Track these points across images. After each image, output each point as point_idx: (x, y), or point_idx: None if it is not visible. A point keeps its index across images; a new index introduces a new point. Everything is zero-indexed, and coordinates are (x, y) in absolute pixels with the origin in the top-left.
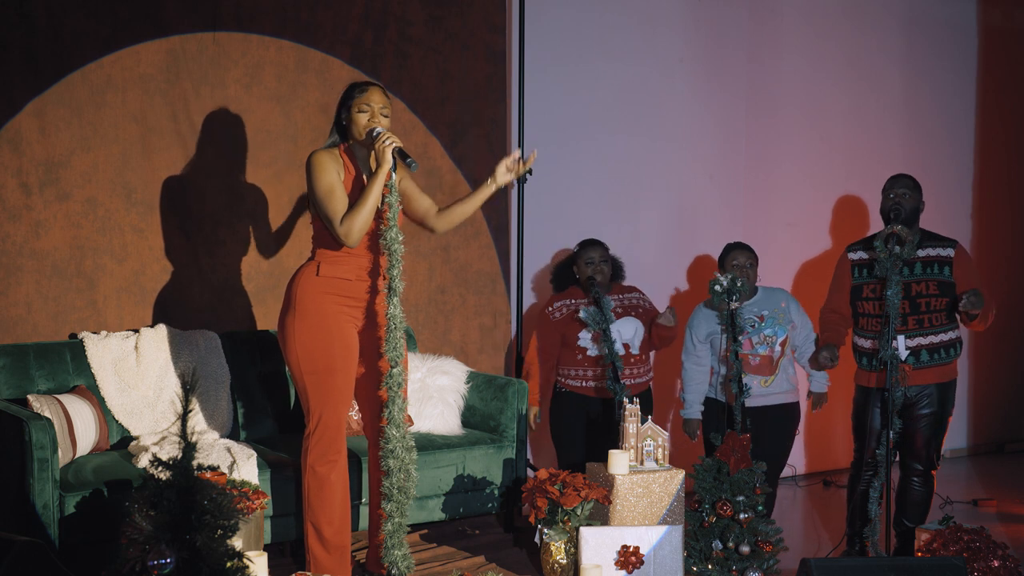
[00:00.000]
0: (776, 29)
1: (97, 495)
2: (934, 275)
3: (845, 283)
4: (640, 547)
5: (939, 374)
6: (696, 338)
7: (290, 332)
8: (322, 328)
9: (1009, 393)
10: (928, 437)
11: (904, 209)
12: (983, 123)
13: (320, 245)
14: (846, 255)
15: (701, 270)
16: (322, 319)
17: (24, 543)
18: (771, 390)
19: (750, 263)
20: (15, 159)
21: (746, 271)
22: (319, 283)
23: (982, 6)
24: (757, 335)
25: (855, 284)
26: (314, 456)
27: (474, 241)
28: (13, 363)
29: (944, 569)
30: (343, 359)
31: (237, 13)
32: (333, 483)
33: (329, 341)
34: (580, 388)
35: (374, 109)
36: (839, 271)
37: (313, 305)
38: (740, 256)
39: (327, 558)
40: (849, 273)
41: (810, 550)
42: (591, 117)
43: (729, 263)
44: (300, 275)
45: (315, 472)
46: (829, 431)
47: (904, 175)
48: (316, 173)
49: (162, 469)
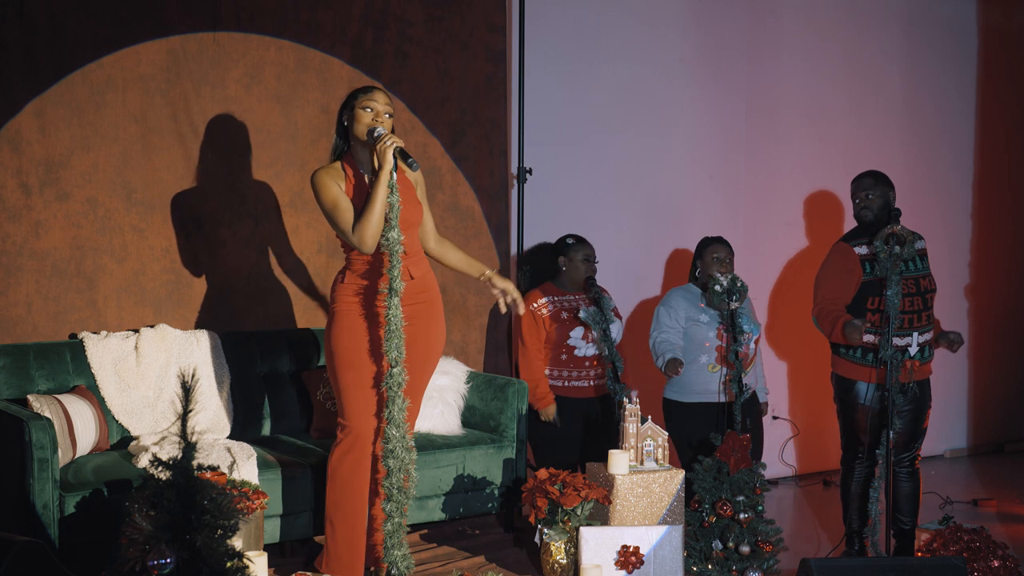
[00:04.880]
0: (776, 29)
1: (97, 495)
2: (927, 270)
3: (855, 276)
4: (640, 547)
5: (929, 369)
6: (673, 316)
7: (327, 336)
8: (352, 330)
9: (1009, 393)
10: (914, 430)
11: (872, 210)
12: (983, 123)
13: (349, 252)
14: (850, 248)
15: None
16: (353, 322)
17: (24, 543)
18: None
19: (729, 257)
20: (15, 159)
21: (725, 265)
22: (349, 289)
23: (982, 6)
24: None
25: (868, 280)
26: (337, 456)
27: (474, 241)
28: (13, 363)
29: (944, 569)
30: (369, 362)
31: (237, 13)
32: (357, 487)
33: (356, 342)
34: (560, 388)
35: (378, 109)
36: (845, 263)
37: (343, 309)
38: (721, 250)
39: (342, 555)
40: (859, 266)
41: (810, 550)
42: (591, 117)
43: (710, 256)
44: (336, 282)
45: (338, 474)
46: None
47: (864, 175)
48: (319, 192)
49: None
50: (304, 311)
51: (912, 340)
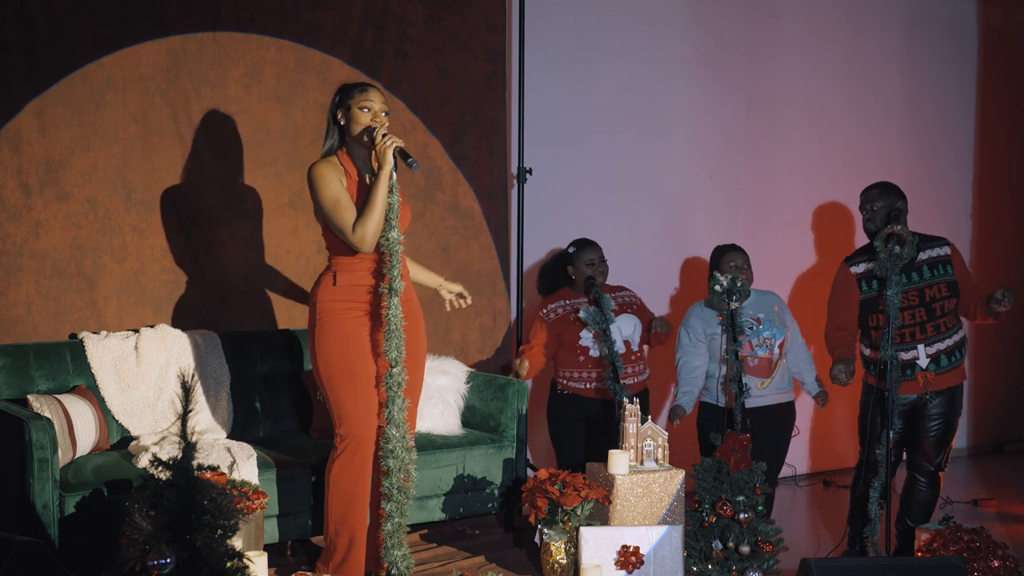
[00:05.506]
0: (776, 29)
1: (97, 495)
2: (941, 276)
3: (852, 297)
4: (640, 547)
5: (957, 375)
6: (693, 336)
7: (311, 341)
8: (342, 336)
9: (1009, 393)
10: (939, 438)
11: (875, 223)
12: (983, 123)
13: (335, 253)
14: (847, 268)
15: (701, 270)
16: (342, 327)
17: (24, 543)
18: (767, 391)
19: (747, 264)
20: (15, 159)
21: (744, 272)
22: (336, 292)
23: (982, 6)
24: (756, 337)
25: (865, 298)
26: (339, 467)
27: (474, 241)
28: (13, 363)
29: (944, 569)
30: (361, 364)
31: (237, 13)
32: (357, 494)
33: (348, 348)
34: (583, 390)
35: (375, 108)
36: (843, 286)
37: (332, 315)
38: (738, 257)
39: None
40: (856, 287)
41: (810, 550)
42: (591, 117)
43: (727, 264)
44: (319, 286)
45: (340, 482)
46: (830, 431)
47: (871, 186)
48: (319, 186)
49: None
50: (304, 311)
51: (919, 352)
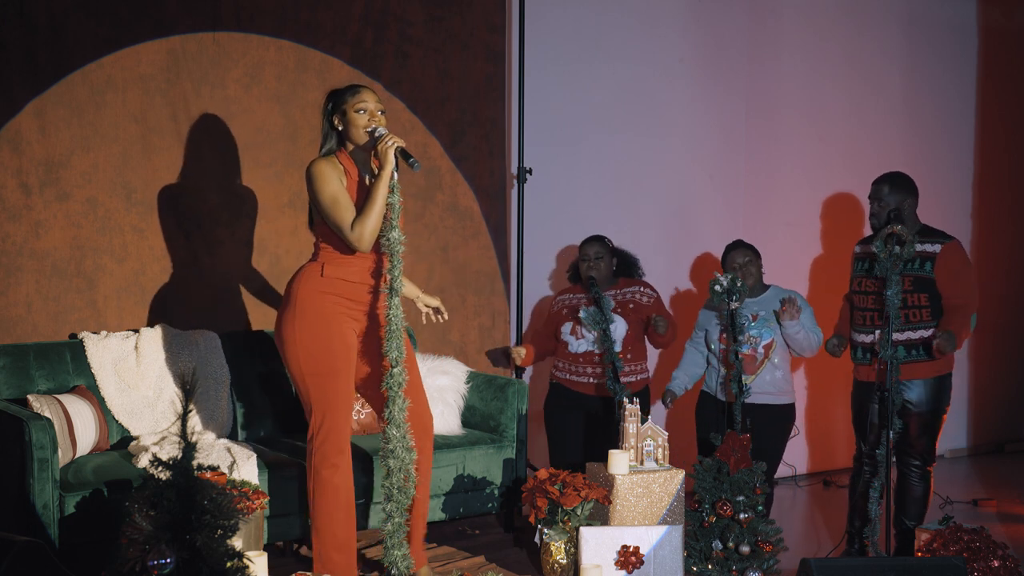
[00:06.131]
0: (776, 29)
1: (97, 495)
2: (913, 271)
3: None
4: (640, 547)
5: (929, 368)
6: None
7: (289, 332)
8: (323, 329)
9: (1009, 393)
10: (920, 431)
11: (880, 219)
12: (983, 123)
13: (327, 246)
14: (855, 248)
15: (701, 269)
16: (323, 319)
17: (24, 543)
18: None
19: (748, 260)
20: (15, 159)
21: (745, 269)
22: (322, 283)
23: (982, 6)
24: (743, 334)
25: (853, 276)
26: (318, 459)
27: (473, 241)
28: (13, 363)
29: (944, 569)
30: (344, 360)
31: (237, 13)
32: (337, 486)
33: (330, 342)
34: (565, 380)
35: (371, 109)
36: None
37: (314, 305)
38: (739, 256)
39: (333, 559)
40: (851, 265)
41: (810, 550)
42: (591, 117)
43: (730, 264)
44: (302, 275)
45: (319, 475)
46: (830, 431)
47: (881, 180)
48: (318, 183)
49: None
50: None
51: (875, 337)
